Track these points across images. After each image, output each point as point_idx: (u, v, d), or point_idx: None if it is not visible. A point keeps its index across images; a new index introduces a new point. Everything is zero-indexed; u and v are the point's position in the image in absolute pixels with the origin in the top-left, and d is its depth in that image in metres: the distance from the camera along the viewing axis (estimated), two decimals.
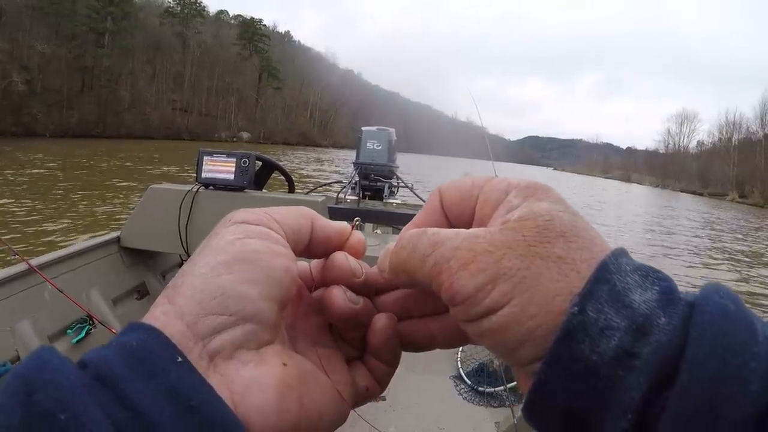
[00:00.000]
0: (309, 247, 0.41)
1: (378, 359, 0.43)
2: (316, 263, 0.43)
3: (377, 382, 0.44)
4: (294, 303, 0.42)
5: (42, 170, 21.27)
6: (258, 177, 3.63)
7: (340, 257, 0.41)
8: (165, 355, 0.30)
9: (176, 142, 62.62)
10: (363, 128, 6.40)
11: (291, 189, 4.00)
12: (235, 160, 3.35)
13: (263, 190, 3.72)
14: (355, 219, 0.40)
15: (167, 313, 0.33)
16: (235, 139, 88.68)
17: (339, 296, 0.40)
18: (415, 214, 0.33)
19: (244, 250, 0.35)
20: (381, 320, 0.42)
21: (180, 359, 0.30)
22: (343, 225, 0.43)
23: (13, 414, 0.25)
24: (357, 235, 0.44)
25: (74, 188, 16.92)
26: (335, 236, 0.43)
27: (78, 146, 37.34)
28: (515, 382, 2.83)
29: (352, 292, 0.41)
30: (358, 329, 0.42)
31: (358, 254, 0.43)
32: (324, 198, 3.59)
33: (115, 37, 67.25)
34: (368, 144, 6.20)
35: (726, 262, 17.44)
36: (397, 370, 2.56)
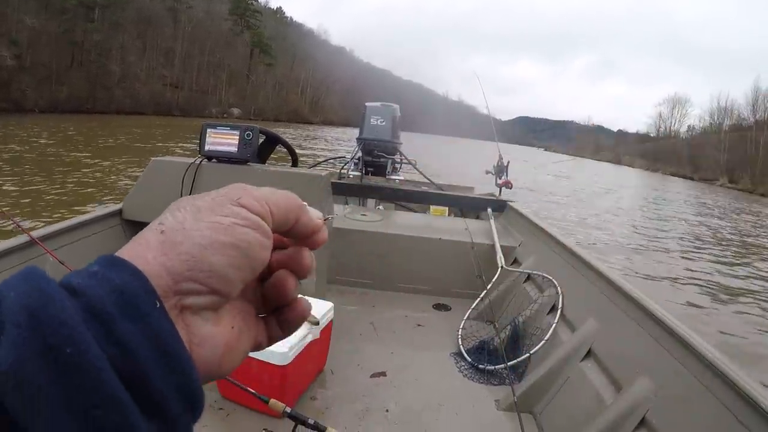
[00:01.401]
0: (286, 234, 0.46)
1: (278, 319, 0.48)
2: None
3: (269, 339, 0.48)
4: None
5: (37, 144, 21.07)
6: (261, 150, 3.60)
7: (308, 259, 0.47)
8: (148, 300, 0.33)
9: (167, 118, 62.24)
10: (367, 104, 6.39)
11: (294, 163, 3.96)
12: (238, 132, 3.32)
13: (266, 164, 3.68)
14: (329, 216, 0.45)
15: (160, 264, 0.36)
16: (225, 116, 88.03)
17: (294, 285, 0.46)
18: (417, 191, 0.42)
19: (241, 239, 0.38)
20: (304, 303, 0.48)
21: (158, 305, 0.34)
22: (320, 224, 0.47)
23: (24, 347, 0.27)
24: (323, 234, 0.48)
25: (72, 161, 16.82)
26: (310, 234, 0.46)
27: (69, 121, 37.02)
28: (516, 361, 2.86)
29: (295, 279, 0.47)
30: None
31: (315, 248, 0.48)
32: (327, 173, 3.56)
33: (105, 11, 66.40)
34: (372, 120, 6.19)
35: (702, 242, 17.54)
36: (397, 347, 2.58)
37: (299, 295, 0.48)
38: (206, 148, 3.30)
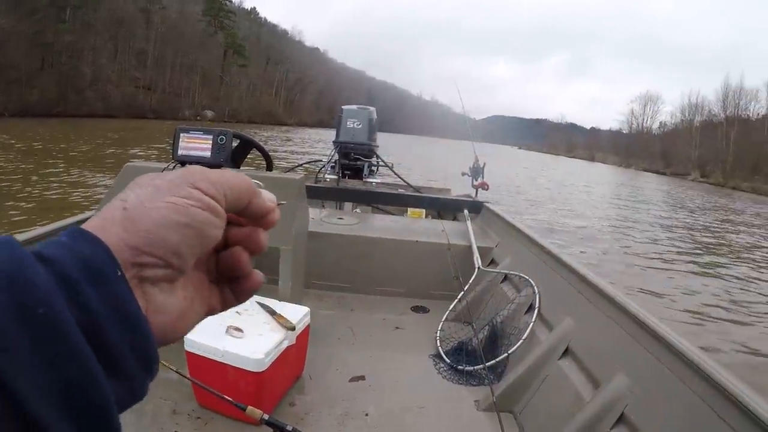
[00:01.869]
0: (240, 214, 0.49)
1: (233, 289, 0.52)
2: None
3: (223, 304, 0.51)
4: None
5: (7, 150, 20.78)
6: (235, 155, 3.56)
7: (262, 238, 0.51)
8: (110, 269, 0.36)
9: (140, 121, 61.69)
10: (343, 107, 6.40)
11: (269, 167, 3.94)
12: (212, 137, 3.30)
13: (240, 168, 3.66)
14: (282, 202, 0.47)
15: (121, 239, 0.39)
16: (199, 118, 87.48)
17: (247, 260, 0.50)
18: (394, 194, 0.44)
19: (195, 219, 0.41)
20: (258, 276, 0.52)
21: (119, 273, 0.37)
22: (272, 206, 0.51)
23: (2, 306, 0.30)
24: (275, 216, 0.51)
25: (42, 168, 16.51)
26: (264, 215, 0.50)
27: (40, 126, 36.49)
28: (494, 361, 2.86)
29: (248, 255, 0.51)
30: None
31: (268, 228, 0.51)
32: (302, 177, 3.54)
33: (77, 12, 65.55)
34: (348, 122, 6.20)
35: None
36: (376, 350, 2.57)
37: (254, 269, 0.51)
38: (179, 152, 3.27)
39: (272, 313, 2.78)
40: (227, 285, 0.52)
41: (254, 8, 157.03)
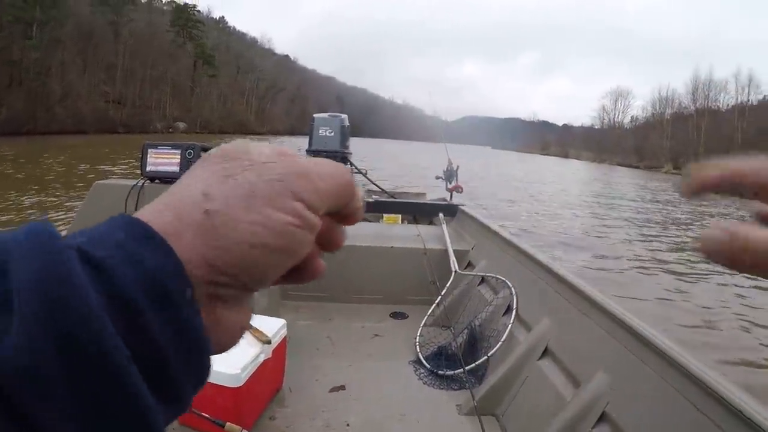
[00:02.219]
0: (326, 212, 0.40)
1: (287, 277, 0.42)
2: None
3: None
4: None
5: None
6: None
7: (341, 236, 0.43)
8: (179, 287, 0.30)
9: (111, 136, 61.21)
10: (315, 115, 6.40)
11: None
12: (180, 151, 3.28)
13: None
14: (370, 199, 0.42)
15: (199, 253, 0.32)
16: (171, 130, 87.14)
17: (317, 257, 0.42)
18: (369, 201, 0.41)
19: (294, 242, 0.35)
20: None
21: (189, 295, 0.31)
22: (361, 205, 0.43)
23: (35, 331, 0.25)
24: (361, 215, 0.44)
25: (7, 190, 16.30)
26: (351, 214, 0.42)
27: (8, 145, 36.01)
28: (474, 364, 2.85)
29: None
30: None
31: (350, 225, 0.44)
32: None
33: (43, 28, 64.68)
34: (320, 131, 6.19)
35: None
36: (355, 359, 2.55)
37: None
38: (148, 168, 3.25)
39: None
40: None
41: (222, 17, 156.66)
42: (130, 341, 0.28)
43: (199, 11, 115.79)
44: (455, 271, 4.13)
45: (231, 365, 2.42)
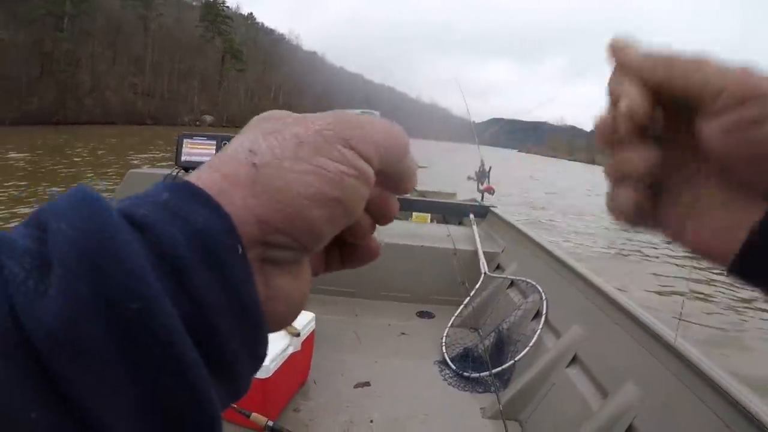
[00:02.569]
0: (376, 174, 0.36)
1: (346, 256, 0.41)
2: None
3: (326, 267, 0.41)
4: None
5: (10, 160, 20.62)
6: None
7: (394, 205, 0.40)
8: (228, 244, 0.28)
9: (139, 127, 61.77)
10: (347, 111, 6.38)
11: None
12: (215, 142, 3.29)
13: None
14: (424, 165, 0.39)
15: (250, 209, 0.29)
16: (198, 123, 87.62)
17: (371, 229, 0.39)
18: (398, 198, 0.34)
19: (349, 193, 0.32)
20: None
21: (241, 252, 0.28)
22: (415, 169, 0.40)
23: (77, 299, 0.22)
24: (414, 182, 0.40)
25: (46, 178, 16.53)
26: (403, 179, 0.39)
27: (39, 134, 36.49)
28: (501, 368, 2.83)
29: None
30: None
31: (403, 194, 0.40)
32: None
33: (74, 21, 65.71)
34: None
35: None
36: (381, 356, 2.54)
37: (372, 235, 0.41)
38: (183, 158, 3.26)
39: None
40: (334, 246, 0.40)
41: (251, 13, 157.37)
42: (179, 306, 0.25)
43: (228, 7, 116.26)
44: (485, 273, 4.11)
45: None
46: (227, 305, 0.27)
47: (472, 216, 5.28)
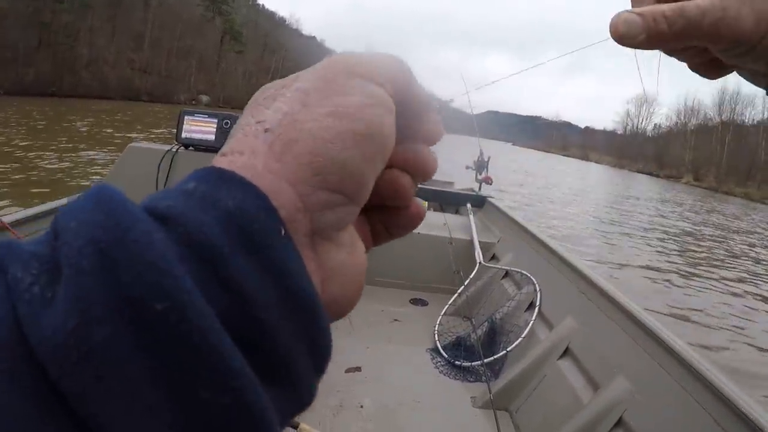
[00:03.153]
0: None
1: (385, 221, 0.38)
2: None
3: (375, 240, 0.39)
4: None
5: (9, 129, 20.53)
6: None
7: (433, 159, 0.36)
8: (268, 225, 0.25)
9: (135, 103, 61.49)
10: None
11: None
12: (216, 121, 3.28)
13: None
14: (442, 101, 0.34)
15: (275, 172, 0.26)
16: (194, 102, 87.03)
17: (411, 185, 0.36)
18: None
19: (374, 122, 0.29)
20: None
21: (283, 232, 0.25)
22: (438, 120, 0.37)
23: (91, 303, 0.19)
24: (440, 128, 0.37)
25: (37, 147, 16.40)
26: (436, 127, 0.36)
27: (36, 104, 36.33)
28: (493, 358, 2.85)
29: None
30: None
31: (432, 143, 0.37)
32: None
33: None
34: None
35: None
36: (373, 342, 2.55)
37: (415, 197, 0.37)
38: (183, 135, 3.26)
39: None
40: (376, 215, 0.37)
41: None
42: (215, 298, 0.22)
43: None
44: (480, 263, 4.11)
45: None
46: (274, 294, 0.24)
47: (469, 205, 5.28)
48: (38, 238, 0.23)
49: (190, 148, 3.27)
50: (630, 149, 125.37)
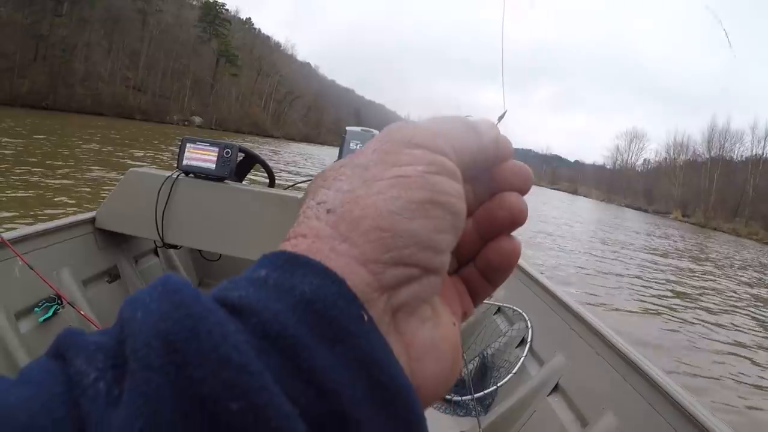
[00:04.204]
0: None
1: (485, 272, 0.35)
2: None
3: (469, 304, 0.36)
4: None
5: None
6: (239, 168, 3.58)
7: (522, 203, 0.34)
8: (350, 311, 0.23)
9: (128, 122, 61.41)
10: (347, 128, 6.48)
11: (271, 183, 3.97)
12: (218, 149, 3.32)
13: (243, 182, 3.68)
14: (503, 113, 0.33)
15: (343, 254, 0.25)
16: (186, 123, 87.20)
17: (515, 243, 0.34)
18: None
19: (439, 190, 0.28)
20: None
21: (366, 317, 0.24)
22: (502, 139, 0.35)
23: (159, 400, 0.18)
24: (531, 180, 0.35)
25: (39, 163, 16.30)
26: (518, 171, 0.35)
27: (30, 117, 36.24)
28: (483, 392, 2.87)
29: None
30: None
31: (524, 192, 0.35)
32: (304, 195, 3.57)
33: (74, 7, 65.15)
34: (351, 144, 6.25)
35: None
36: None
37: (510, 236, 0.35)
38: (184, 162, 3.29)
39: None
40: (470, 272, 0.35)
41: (249, 18, 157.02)
42: (297, 393, 0.21)
43: (227, 10, 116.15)
44: None
45: None
46: (361, 386, 0.22)
47: None
48: (104, 330, 0.22)
49: (191, 175, 3.30)
50: (619, 184, 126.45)
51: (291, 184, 4.10)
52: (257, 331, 0.21)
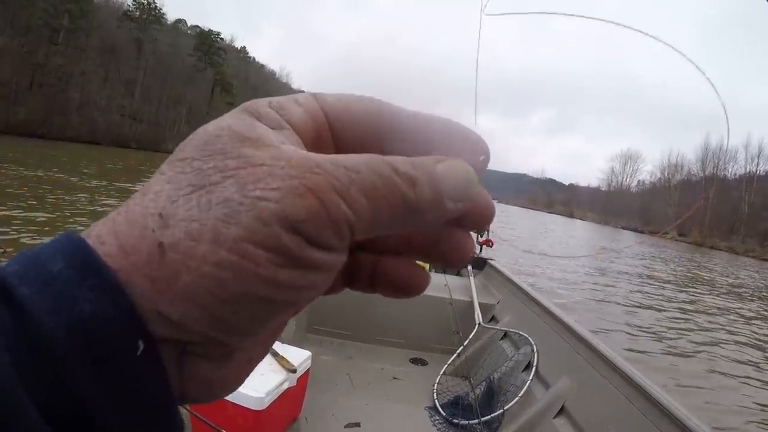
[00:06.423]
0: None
1: (378, 282, 0.33)
2: None
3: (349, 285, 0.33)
4: None
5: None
6: None
7: (466, 243, 0.31)
8: (121, 340, 0.21)
9: (124, 150, 61.52)
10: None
11: None
12: None
13: None
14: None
15: (149, 300, 0.22)
16: None
17: (424, 280, 0.33)
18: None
19: (283, 293, 0.24)
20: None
21: (140, 348, 0.22)
22: (486, 201, 0.31)
23: None
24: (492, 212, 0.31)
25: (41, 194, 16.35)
26: (483, 216, 0.31)
27: (26, 145, 36.30)
28: (490, 416, 2.90)
29: None
30: None
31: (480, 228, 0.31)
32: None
33: (70, 36, 65.50)
34: None
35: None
36: (372, 399, 2.64)
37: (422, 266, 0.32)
38: None
39: (274, 354, 2.82)
40: (371, 261, 0.33)
41: (244, 47, 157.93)
42: (55, 408, 0.20)
43: (222, 39, 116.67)
44: (479, 324, 4.19)
45: (256, 389, 2.51)
46: (125, 411, 0.21)
47: (469, 267, 5.37)
48: None
49: None
50: (614, 205, 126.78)
51: None
52: (27, 337, 0.20)
